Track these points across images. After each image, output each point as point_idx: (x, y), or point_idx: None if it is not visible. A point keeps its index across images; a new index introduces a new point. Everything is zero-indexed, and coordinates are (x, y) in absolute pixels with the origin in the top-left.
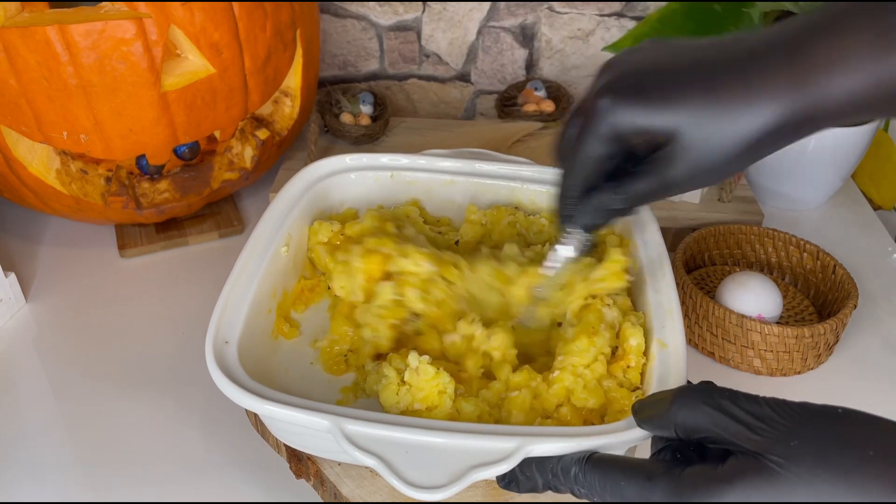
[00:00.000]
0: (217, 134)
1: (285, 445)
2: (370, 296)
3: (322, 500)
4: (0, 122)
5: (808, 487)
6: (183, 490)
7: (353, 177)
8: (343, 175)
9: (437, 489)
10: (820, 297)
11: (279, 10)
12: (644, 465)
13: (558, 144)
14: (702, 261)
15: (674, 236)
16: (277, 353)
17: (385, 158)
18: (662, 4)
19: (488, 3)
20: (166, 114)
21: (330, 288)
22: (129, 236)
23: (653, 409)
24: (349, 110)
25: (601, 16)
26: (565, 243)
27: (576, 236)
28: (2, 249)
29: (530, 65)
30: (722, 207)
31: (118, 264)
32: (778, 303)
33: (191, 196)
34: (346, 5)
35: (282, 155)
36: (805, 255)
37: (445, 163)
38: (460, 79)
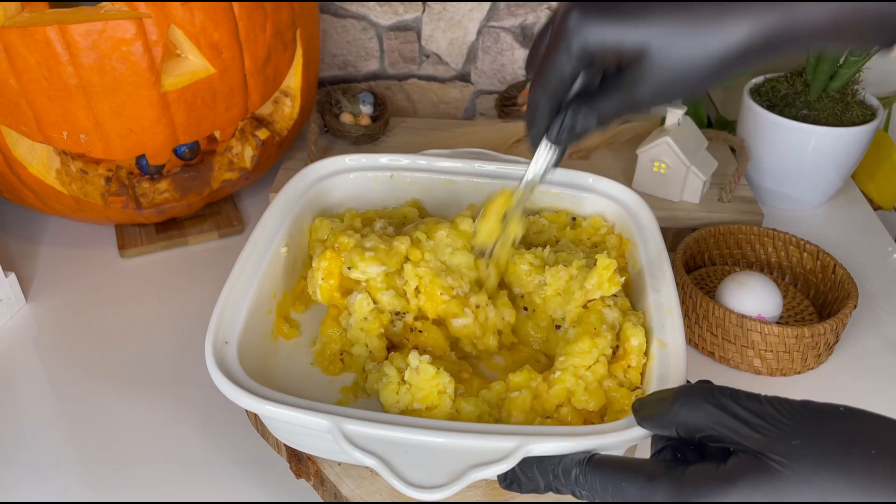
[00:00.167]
0: (217, 134)
1: (285, 445)
2: (331, 298)
3: (322, 500)
4: (0, 122)
5: (810, 487)
6: (183, 490)
7: (353, 177)
8: (343, 175)
9: (436, 489)
10: (820, 297)
11: (279, 10)
12: (645, 466)
13: (530, 58)
14: (702, 261)
15: (674, 236)
16: (277, 354)
17: (385, 159)
18: None
19: (488, 3)
20: (166, 114)
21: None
22: (129, 236)
23: (653, 407)
24: (349, 110)
25: None
26: (536, 157)
27: (546, 150)
28: (2, 249)
29: None
30: (722, 207)
31: (118, 264)
32: (778, 303)
33: (191, 196)
34: (346, 5)
35: (282, 155)
36: (805, 255)
37: (445, 163)
38: (460, 79)
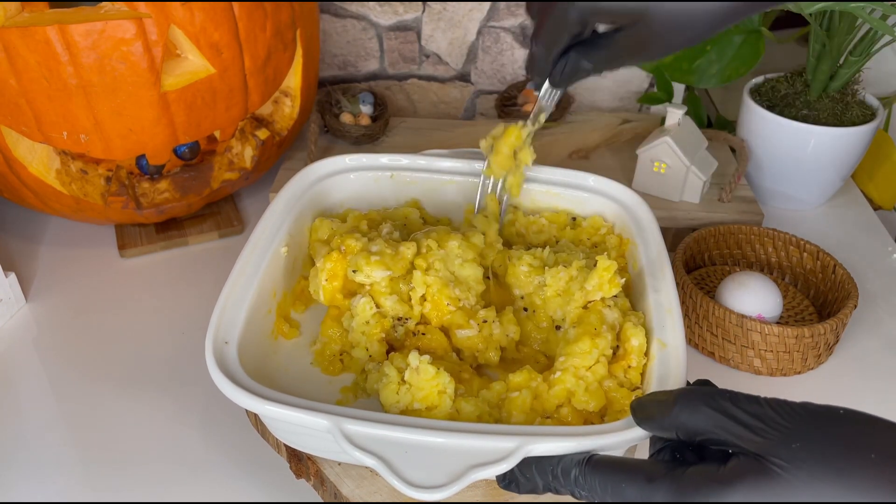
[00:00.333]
0: (217, 134)
1: (285, 445)
2: (334, 299)
3: (322, 500)
4: (0, 122)
5: (809, 490)
6: (183, 490)
7: (353, 177)
8: (343, 175)
9: (436, 489)
10: (820, 297)
11: (279, 10)
12: (644, 467)
13: (528, 5)
14: (702, 261)
15: (674, 236)
16: (277, 354)
17: (385, 158)
18: None
19: (488, 3)
20: (166, 114)
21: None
22: (129, 236)
23: (653, 409)
24: (349, 110)
25: None
26: (541, 96)
27: (549, 90)
28: (2, 249)
29: None
30: (722, 207)
31: (118, 264)
32: (778, 303)
33: (191, 196)
34: (346, 5)
35: (282, 155)
36: (805, 255)
37: (445, 163)
38: (460, 79)
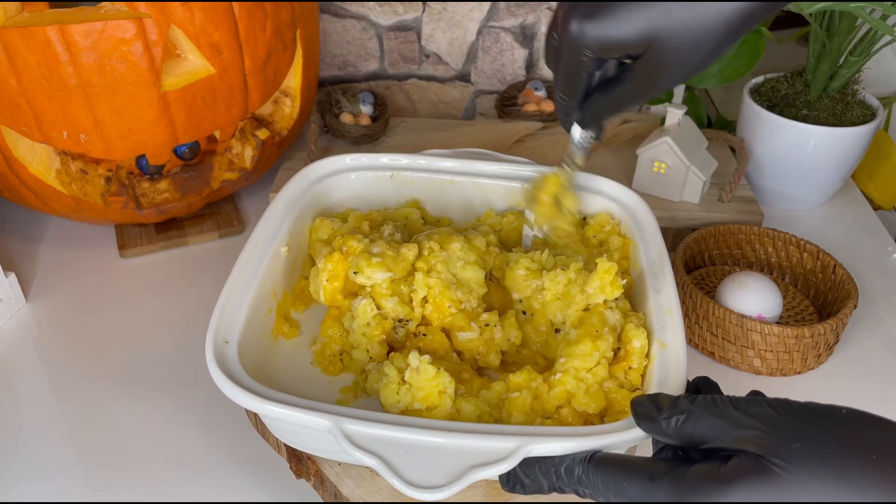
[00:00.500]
0: (217, 134)
1: (285, 445)
2: (334, 299)
3: (322, 500)
4: (0, 122)
5: (809, 490)
6: (183, 490)
7: (353, 177)
8: (343, 175)
9: (436, 489)
10: (820, 297)
11: (279, 10)
12: (646, 465)
13: (545, 57)
14: (702, 261)
15: (674, 236)
16: (277, 353)
17: (385, 158)
18: None
19: (488, 3)
20: (166, 114)
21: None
22: (129, 236)
23: (654, 415)
24: (349, 110)
25: None
26: (571, 138)
27: (580, 131)
28: (2, 249)
29: (530, 65)
30: (722, 207)
31: (118, 264)
32: (778, 303)
33: (191, 196)
34: (346, 5)
35: (282, 155)
36: (805, 255)
37: (445, 163)
38: (460, 79)
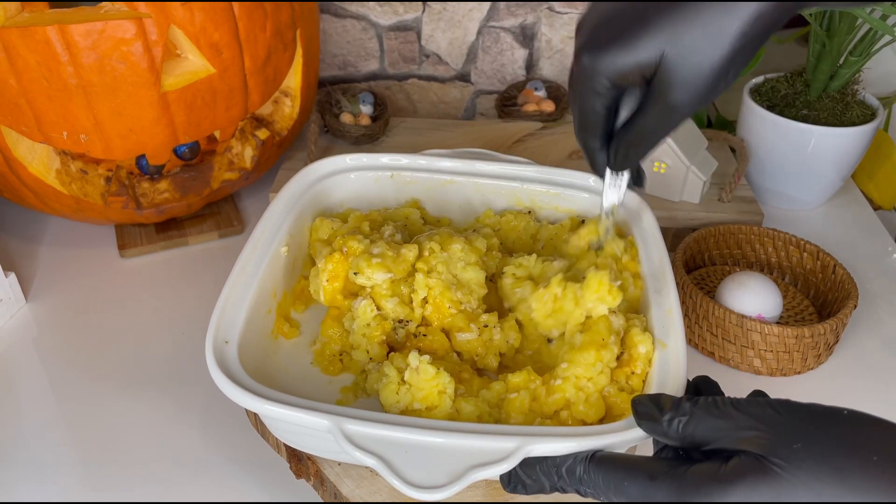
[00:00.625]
0: (217, 134)
1: (285, 445)
2: (334, 300)
3: (322, 500)
4: (0, 122)
5: (809, 491)
6: (183, 490)
7: (353, 177)
8: (343, 175)
9: (437, 489)
10: (820, 297)
11: (279, 10)
12: (647, 465)
13: (570, 102)
14: (702, 261)
15: (674, 236)
16: (277, 353)
17: (385, 158)
18: None
19: (488, 3)
20: (166, 114)
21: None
22: (129, 236)
23: (655, 416)
24: (349, 110)
25: None
26: (606, 185)
27: (614, 176)
28: (2, 249)
29: (530, 65)
30: (722, 207)
31: (118, 264)
32: (778, 303)
33: (191, 196)
34: (346, 5)
35: (282, 155)
36: (805, 255)
37: (445, 163)
38: (460, 79)
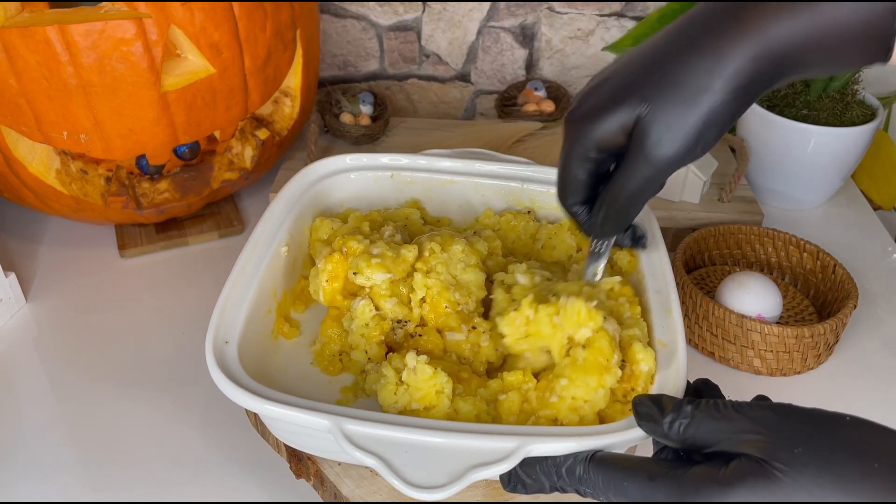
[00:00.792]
0: (217, 134)
1: (285, 445)
2: (333, 300)
3: (322, 500)
4: (0, 122)
5: (808, 496)
6: (183, 490)
7: (353, 177)
8: (343, 175)
9: (436, 489)
10: (820, 297)
11: (279, 10)
12: (646, 465)
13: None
14: (702, 261)
15: (674, 236)
16: (277, 353)
17: (385, 158)
18: (662, 4)
19: (488, 3)
20: (166, 114)
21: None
22: (129, 236)
23: (656, 417)
24: (349, 110)
25: (601, 16)
26: (596, 253)
27: (600, 243)
28: (2, 249)
29: (530, 65)
30: (722, 207)
31: (118, 264)
32: (778, 303)
33: (191, 196)
34: (346, 5)
35: (282, 155)
36: (805, 255)
37: (445, 163)
38: (460, 79)
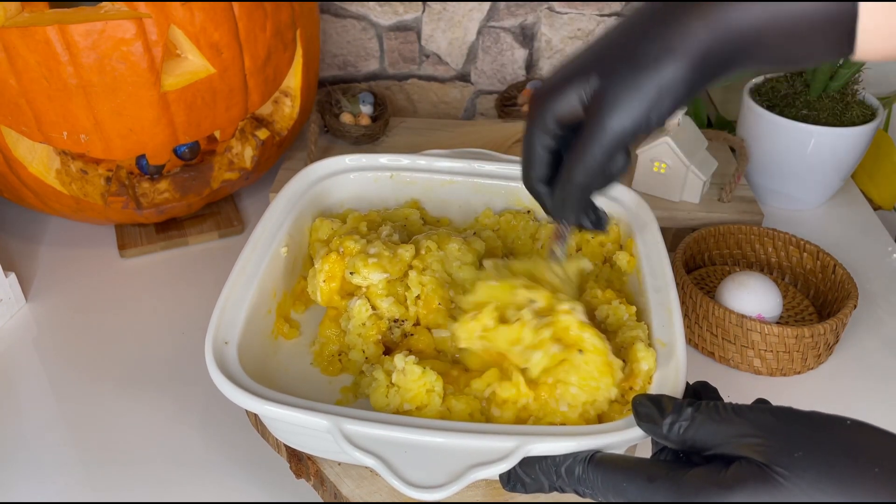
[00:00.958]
0: (217, 134)
1: (285, 445)
2: (331, 300)
3: (322, 500)
4: (0, 122)
5: (809, 499)
6: (183, 490)
7: (353, 177)
8: (343, 175)
9: (436, 489)
10: (820, 297)
11: (279, 10)
12: (646, 466)
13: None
14: (702, 261)
15: (674, 236)
16: (277, 354)
17: (385, 159)
18: None
19: (488, 3)
20: (166, 114)
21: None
22: (129, 236)
23: (656, 418)
24: (349, 110)
25: (601, 16)
26: (560, 234)
27: (566, 224)
28: (2, 249)
29: (530, 65)
30: (722, 207)
31: (118, 264)
32: (778, 303)
33: (191, 196)
34: (346, 5)
35: (282, 155)
36: (805, 255)
37: (445, 163)
38: (460, 79)
